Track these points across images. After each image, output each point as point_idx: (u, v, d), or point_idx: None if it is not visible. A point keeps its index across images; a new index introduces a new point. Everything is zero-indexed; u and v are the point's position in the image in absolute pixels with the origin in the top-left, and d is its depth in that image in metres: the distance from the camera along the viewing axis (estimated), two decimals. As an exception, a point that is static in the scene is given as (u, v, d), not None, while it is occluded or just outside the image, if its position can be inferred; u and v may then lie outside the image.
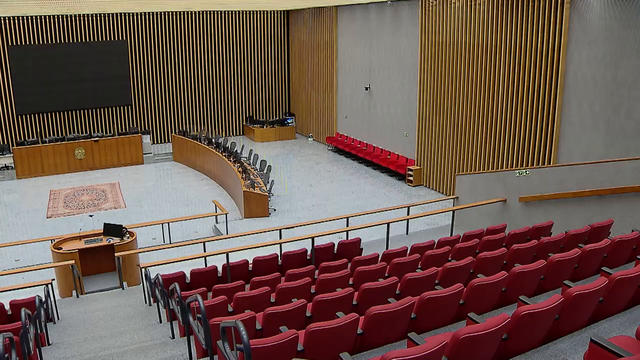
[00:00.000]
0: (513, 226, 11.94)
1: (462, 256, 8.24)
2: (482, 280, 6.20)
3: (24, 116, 28.02)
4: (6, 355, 5.07)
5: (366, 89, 24.48)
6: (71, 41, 27.89)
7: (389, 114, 23.22)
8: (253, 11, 30.58)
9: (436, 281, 7.40)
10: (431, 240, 10.46)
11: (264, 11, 30.80)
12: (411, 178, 21.17)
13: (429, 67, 20.02)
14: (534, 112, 15.90)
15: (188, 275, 10.03)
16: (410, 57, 21.13)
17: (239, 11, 30.25)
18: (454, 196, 15.99)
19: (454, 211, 14.67)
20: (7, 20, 26.63)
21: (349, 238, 12.50)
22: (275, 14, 31.19)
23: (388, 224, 13.42)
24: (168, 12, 28.97)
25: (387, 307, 5.53)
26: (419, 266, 8.77)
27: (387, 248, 12.44)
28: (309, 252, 11.03)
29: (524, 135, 16.35)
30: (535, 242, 8.53)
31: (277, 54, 31.81)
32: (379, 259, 9.58)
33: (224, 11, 29.93)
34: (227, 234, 16.68)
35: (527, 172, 13.28)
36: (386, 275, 8.36)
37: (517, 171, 13.53)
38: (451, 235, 13.07)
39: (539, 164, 15.88)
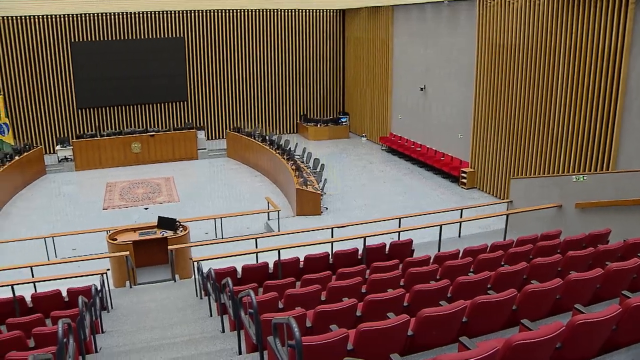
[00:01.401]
0: (568, 232, 11.68)
1: (516, 261, 8.10)
2: (536, 287, 6.08)
3: (84, 110, 28.75)
4: (65, 340, 5.22)
5: (421, 89, 24.31)
6: (130, 38, 28.46)
7: (443, 114, 23.01)
8: (309, 10, 30.68)
9: (488, 285, 7.30)
10: (484, 243, 10.32)
11: (320, 10, 30.86)
12: (465, 180, 20.93)
13: (485, 67, 19.75)
14: (594, 116, 15.52)
15: (239, 270, 10.11)
16: (467, 58, 20.88)
17: (295, 10, 30.39)
18: (507, 200, 15.76)
19: (507, 215, 14.45)
20: (70, 18, 27.36)
21: (401, 239, 12.42)
22: (331, 13, 31.23)
23: (440, 226, 13.30)
24: (224, 10, 29.27)
25: (438, 309, 5.48)
26: (471, 270, 8.65)
27: (439, 250, 12.32)
28: (360, 252, 10.99)
29: (582, 140, 15.98)
30: (591, 249, 8.33)
31: (333, 52, 31.85)
32: (431, 261, 9.50)
33: (281, 9, 30.09)
34: (278, 231, 16.77)
35: (585, 178, 12.99)
36: (438, 277, 8.28)
37: (575, 176, 13.25)
38: (504, 239, 12.87)
39: (597, 170, 15.52)
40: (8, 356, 5.44)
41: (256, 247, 12.72)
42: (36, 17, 27.03)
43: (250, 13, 29.76)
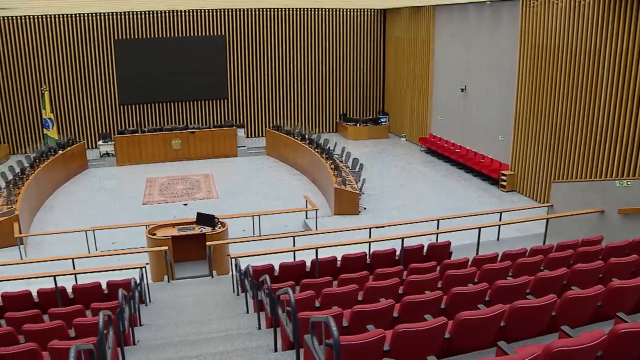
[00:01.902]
0: (610, 239, 11.47)
1: (556, 266, 8.00)
2: (577, 293, 5.99)
3: (125, 106, 29.21)
4: (105, 331, 5.32)
5: (462, 90, 24.11)
6: (172, 36, 28.80)
7: (484, 116, 22.79)
8: (350, 9, 30.65)
9: (527, 290, 7.21)
10: (523, 247, 10.21)
11: (361, 9, 30.81)
12: (504, 183, 20.69)
13: (527, 69, 19.47)
14: (639, 120, 15.22)
15: (276, 268, 10.15)
16: (509, 59, 20.63)
17: (336, 9, 30.38)
18: (548, 204, 15.56)
19: (547, 219, 14.26)
20: (113, 16, 27.79)
21: (439, 240, 12.36)
22: (373, 12, 31.16)
23: (479, 228, 13.19)
24: (266, 9, 29.41)
25: (476, 313, 5.43)
26: (510, 274, 8.58)
27: (477, 253, 12.21)
28: (397, 253, 10.96)
29: (626, 144, 15.63)
30: (635, 257, 8.17)
31: (373, 52, 31.77)
32: (469, 263, 9.43)
33: (321, 8, 30.11)
34: (316, 229, 16.80)
35: (629, 183, 12.76)
36: (476, 280, 8.21)
37: (618, 181, 13.02)
38: (544, 244, 12.70)
39: (642, 175, 15.22)
40: (51, 345, 5.56)
41: (294, 245, 12.75)
42: (81, 15, 27.53)
43: (291, 12, 29.85)
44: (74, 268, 12.26)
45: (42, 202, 20.96)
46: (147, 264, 12.25)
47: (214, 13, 28.98)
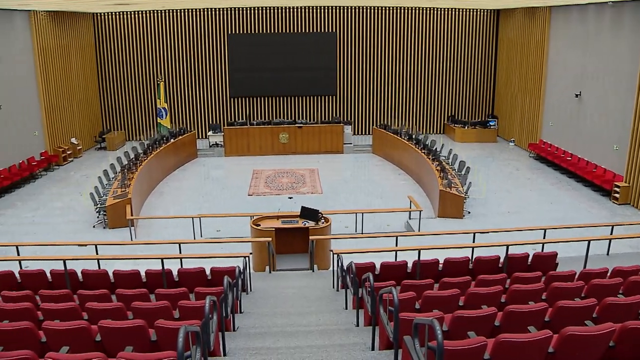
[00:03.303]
0: None
1: (674, 286, 7.59)
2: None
3: (236, 99, 29.98)
4: (210, 316, 5.46)
5: (576, 95, 23.23)
6: (284, 31, 29.30)
7: (598, 124, 21.85)
8: (463, 9, 30.13)
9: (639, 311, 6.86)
10: (636, 265, 9.72)
11: (473, 9, 30.24)
12: (617, 195, 19.77)
13: (651, 76, 18.53)
14: None
15: (377, 266, 10.11)
16: (630, 64, 19.64)
17: (448, 8, 29.95)
18: (666, 220, 14.79)
19: (665, 236, 13.56)
20: (227, 11, 28.52)
21: (545, 250, 11.97)
22: (485, 13, 30.52)
23: (589, 241, 12.67)
24: (376, 7, 29.37)
25: (584, 329, 5.21)
26: (621, 291, 8.19)
27: (584, 267, 11.77)
28: (501, 260, 10.70)
29: None
30: None
31: (485, 54, 31.12)
32: (576, 277, 9.07)
33: (433, 8, 29.76)
34: (419, 230, 16.63)
35: None
36: (583, 295, 7.89)
37: None
38: (659, 261, 12.09)
39: None
40: (157, 323, 5.75)
41: (396, 245, 12.67)
42: (196, 10, 28.45)
43: (402, 10, 29.69)
44: (180, 252, 12.65)
45: (153, 188, 21.78)
46: (250, 253, 12.47)
47: (326, 10, 29.23)
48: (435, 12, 30.00)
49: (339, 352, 6.57)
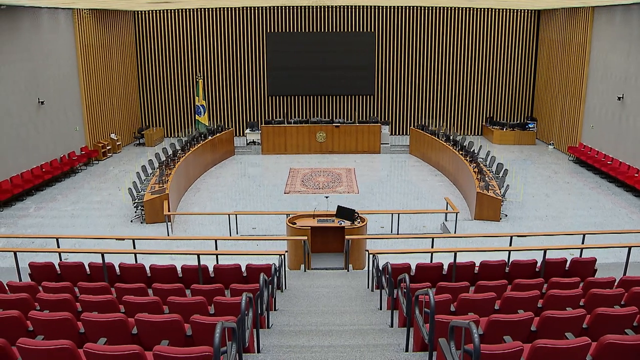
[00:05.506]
0: None
1: None
2: None
3: (273, 97, 30.11)
4: (246, 312, 5.49)
5: (619, 98, 22.80)
6: (323, 30, 29.32)
7: (642, 128, 21.46)
8: (502, 9, 29.79)
9: (682, 322, 6.71)
10: (679, 273, 9.53)
11: (513, 10, 29.88)
12: (660, 201, 19.42)
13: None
14: None
15: (413, 267, 10.05)
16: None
17: (487, 8, 29.64)
18: None
19: None
20: (266, 9, 28.66)
21: (583, 256, 11.78)
22: (526, 13, 30.11)
23: (629, 247, 12.42)
24: (415, 7, 29.21)
25: (624, 338, 5.11)
26: (663, 300, 8.02)
27: (624, 274, 11.54)
28: (538, 264, 10.55)
29: None
30: None
31: (524, 55, 30.71)
32: (615, 284, 8.90)
33: (472, 8, 29.49)
34: (455, 232, 16.50)
35: None
36: (622, 303, 7.74)
37: None
38: (703, 270, 11.82)
39: None
40: (193, 318, 5.79)
41: (432, 246, 12.58)
42: (235, 8, 28.64)
43: (441, 10, 29.48)
44: (216, 249, 12.73)
45: (190, 184, 21.97)
46: (286, 251, 12.49)
47: (365, 9, 29.17)
48: (475, 12, 29.72)
49: (373, 352, 6.56)
